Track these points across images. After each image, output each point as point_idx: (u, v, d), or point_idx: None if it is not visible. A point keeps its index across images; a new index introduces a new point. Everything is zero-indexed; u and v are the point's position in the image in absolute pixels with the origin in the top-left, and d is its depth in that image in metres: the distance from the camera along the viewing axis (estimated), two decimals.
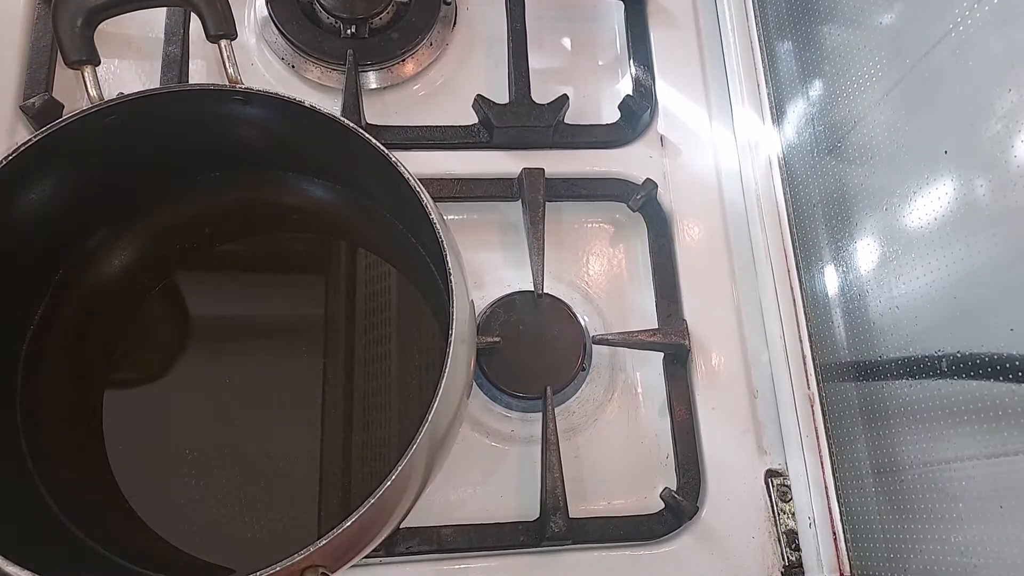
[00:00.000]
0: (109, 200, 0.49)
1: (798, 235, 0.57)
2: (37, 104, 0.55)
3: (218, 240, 0.53)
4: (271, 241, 0.54)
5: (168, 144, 0.47)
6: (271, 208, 0.54)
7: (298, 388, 0.49)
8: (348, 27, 0.62)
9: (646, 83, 0.64)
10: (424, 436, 0.37)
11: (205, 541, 0.45)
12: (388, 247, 0.53)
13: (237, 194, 0.53)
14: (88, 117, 0.42)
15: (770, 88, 0.61)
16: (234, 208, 0.53)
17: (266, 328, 0.52)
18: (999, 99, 0.39)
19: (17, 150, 0.40)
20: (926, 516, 0.44)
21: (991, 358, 0.39)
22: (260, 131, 0.48)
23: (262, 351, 0.51)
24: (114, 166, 0.47)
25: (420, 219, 0.42)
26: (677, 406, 0.55)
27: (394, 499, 0.39)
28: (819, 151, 0.55)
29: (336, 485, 0.47)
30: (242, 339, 0.51)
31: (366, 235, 0.53)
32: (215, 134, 0.48)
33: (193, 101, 0.45)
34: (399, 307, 0.51)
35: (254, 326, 0.52)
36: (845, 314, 0.52)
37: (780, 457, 0.54)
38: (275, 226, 0.54)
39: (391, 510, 0.40)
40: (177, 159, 0.49)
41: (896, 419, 0.47)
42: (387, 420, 0.49)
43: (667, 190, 0.60)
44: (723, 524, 0.52)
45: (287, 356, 0.51)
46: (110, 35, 0.61)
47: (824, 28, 0.56)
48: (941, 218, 0.43)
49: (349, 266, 0.53)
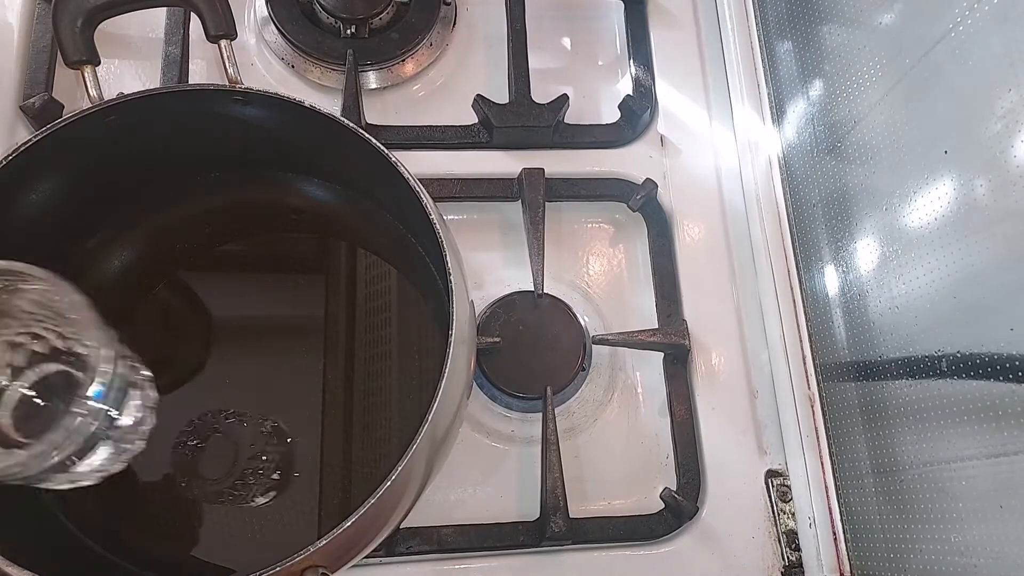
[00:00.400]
0: (109, 200, 0.49)
1: (798, 235, 0.57)
2: (37, 104, 0.55)
3: (218, 240, 0.53)
4: (271, 241, 0.54)
5: (168, 144, 0.47)
6: (271, 208, 0.53)
7: (298, 388, 0.49)
8: (348, 27, 0.62)
9: (646, 83, 0.64)
10: (424, 436, 0.37)
11: (205, 541, 0.45)
12: (388, 247, 0.53)
13: (237, 194, 0.53)
14: (88, 117, 0.42)
15: (770, 88, 0.61)
16: (234, 208, 0.53)
17: (266, 328, 0.52)
18: (999, 99, 0.39)
19: (17, 150, 0.40)
20: (926, 516, 0.44)
21: (991, 358, 0.39)
22: (260, 131, 0.48)
23: (262, 351, 0.51)
24: (114, 166, 0.47)
25: (420, 219, 0.42)
26: (677, 406, 0.55)
27: (394, 499, 0.39)
28: (819, 151, 0.55)
29: (336, 485, 0.47)
30: (242, 339, 0.51)
31: (366, 235, 0.53)
32: (215, 134, 0.48)
33: (193, 101, 0.45)
34: (399, 307, 0.51)
35: (254, 326, 0.52)
36: (845, 314, 0.52)
37: (780, 457, 0.54)
38: (275, 226, 0.54)
39: (391, 510, 0.40)
40: (177, 159, 0.49)
41: (896, 419, 0.47)
42: (387, 420, 0.49)
43: (667, 190, 0.60)
44: (723, 524, 0.52)
45: (287, 356, 0.51)
46: (110, 35, 0.61)
47: (824, 28, 0.56)
48: (941, 218, 0.43)
49: (349, 266, 0.53)
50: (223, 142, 0.49)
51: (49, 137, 0.41)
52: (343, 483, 0.47)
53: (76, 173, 0.45)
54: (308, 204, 0.53)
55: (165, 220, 0.52)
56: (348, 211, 0.53)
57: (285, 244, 0.54)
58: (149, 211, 0.51)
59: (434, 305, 0.50)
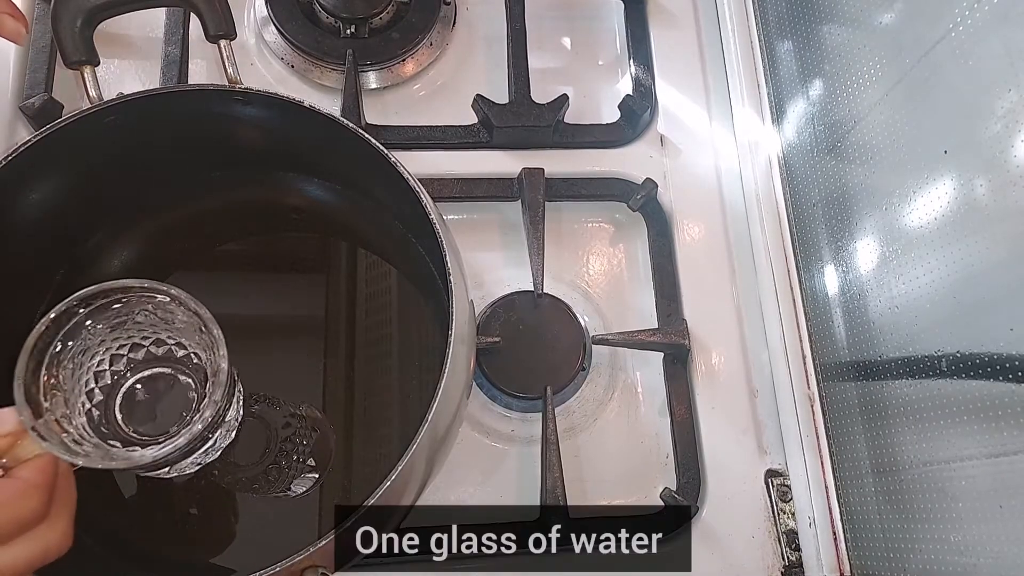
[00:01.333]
0: (109, 200, 0.49)
1: (798, 235, 0.57)
2: (37, 104, 0.55)
3: (218, 240, 0.53)
4: (271, 241, 0.54)
5: (168, 144, 0.47)
6: (271, 208, 0.53)
7: (298, 388, 0.49)
8: (348, 27, 0.62)
9: (646, 83, 0.64)
10: (424, 436, 0.37)
11: (205, 541, 0.45)
12: (388, 247, 0.53)
13: (237, 194, 0.53)
14: (87, 117, 0.42)
15: (770, 88, 0.61)
16: (234, 208, 0.53)
17: (267, 328, 0.52)
18: (999, 99, 0.39)
19: (16, 150, 0.40)
20: (926, 516, 0.44)
21: (991, 358, 0.39)
22: (260, 131, 0.48)
23: (263, 351, 0.51)
24: (114, 166, 0.47)
25: (420, 219, 0.42)
26: (677, 406, 0.55)
27: (394, 499, 0.39)
28: (819, 151, 0.55)
29: (336, 485, 0.47)
30: (242, 339, 0.50)
31: (366, 235, 0.53)
32: (215, 134, 0.48)
33: (193, 101, 0.45)
34: (399, 307, 0.51)
35: (255, 326, 0.51)
36: (845, 314, 0.52)
37: (780, 457, 0.54)
38: (275, 226, 0.54)
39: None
40: (177, 159, 0.49)
41: (896, 419, 0.47)
42: (387, 420, 0.49)
43: (667, 190, 0.60)
44: (723, 524, 0.52)
45: (287, 356, 0.51)
46: (110, 35, 0.61)
47: (824, 28, 0.56)
48: (941, 218, 0.43)
49: (349, 266, 0.53)
50: (223, 142, 0.49)
51: (48, 137, 0.41)
52: (343, 483, 0.47)
53: (76, 173, 0.45)
54: (308, 203, 0.53)
55: (165, 220, 0.52)
56: (348, 211, 0.53)
57: (285, 244, 0.54)
58: (149, 211, 0.51)
59: (434, 305, 0.50)
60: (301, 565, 0.35)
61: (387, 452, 0.48)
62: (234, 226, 0.53)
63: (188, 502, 0.46)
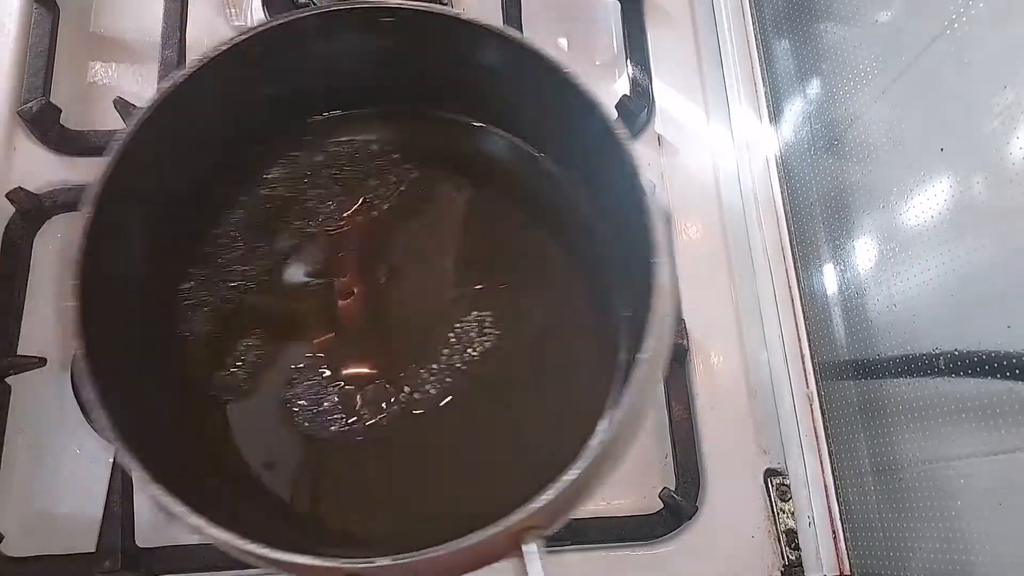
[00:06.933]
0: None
1: (796, 234, 0.57)
2: (35, 109, 0.55)
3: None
4: (431, 192, 0.47)
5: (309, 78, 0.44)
6: (446, 153, 0.48)
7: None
8: None
9: (643, 83, 0.64)
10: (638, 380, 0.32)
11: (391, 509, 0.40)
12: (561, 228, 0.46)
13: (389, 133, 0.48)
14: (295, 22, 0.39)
15: (767, 87, 0.61)
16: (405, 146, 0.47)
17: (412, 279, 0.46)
18: (995, 96, 0.39)
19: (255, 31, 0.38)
20: (925, 514, 0.44)
21: (988, 356, 0.39)
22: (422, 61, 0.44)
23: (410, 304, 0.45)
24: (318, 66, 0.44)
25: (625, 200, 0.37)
26: (676, 406, 0.55)
27: (613, 452, 0.34)
28: (816, 149, 0.55)
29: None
30: (385, 293, 0.45)
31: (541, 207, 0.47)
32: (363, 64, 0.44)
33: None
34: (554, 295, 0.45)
35: (398, 277, 0.46)
36: (843, 313, 0.52)
37: (779, 456, 0.54)
38: (444, 176, 0.48)
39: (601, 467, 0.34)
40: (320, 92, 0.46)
41: (895, 417, 0.47)
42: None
43: (665, 190, 0.60)
44: (722, 524, 0.52)
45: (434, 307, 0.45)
46: (108, 38, 0.61)
47: (821, 26, 0.56)
48: (938, 216, 0.43)
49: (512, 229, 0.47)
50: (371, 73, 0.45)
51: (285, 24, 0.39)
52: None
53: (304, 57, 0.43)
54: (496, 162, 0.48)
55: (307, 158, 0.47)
56: (525, 171, 0.47)
57: (437, 195, 0.48)
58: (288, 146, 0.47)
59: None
60: (522, 525, 0.30)
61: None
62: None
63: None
